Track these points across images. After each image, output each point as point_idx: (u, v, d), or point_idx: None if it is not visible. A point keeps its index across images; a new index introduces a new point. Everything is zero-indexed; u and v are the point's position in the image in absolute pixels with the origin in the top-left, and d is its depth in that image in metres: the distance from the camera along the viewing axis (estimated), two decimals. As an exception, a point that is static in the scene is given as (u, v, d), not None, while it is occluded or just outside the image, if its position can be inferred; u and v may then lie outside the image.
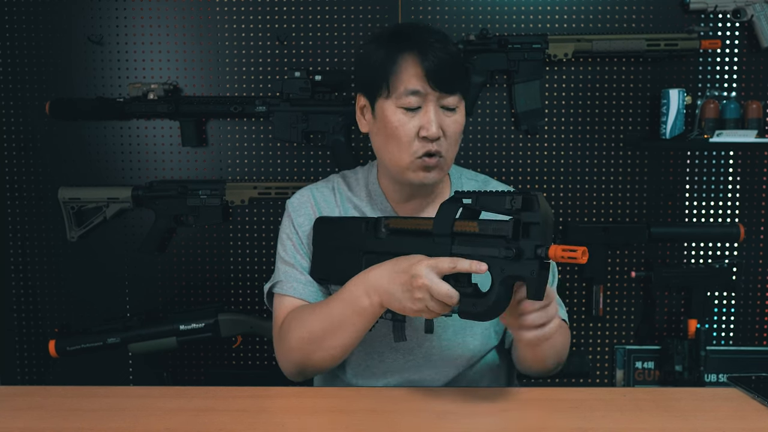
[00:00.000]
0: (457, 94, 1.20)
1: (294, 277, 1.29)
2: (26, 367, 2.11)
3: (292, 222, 1.32)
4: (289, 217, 1.33)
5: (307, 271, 1.29)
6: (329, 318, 1.15)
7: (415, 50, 1.18)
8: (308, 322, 1.19)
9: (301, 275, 1.29)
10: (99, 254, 2.07)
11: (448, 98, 1.19)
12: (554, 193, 2.04)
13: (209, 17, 2.02)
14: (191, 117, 1.99)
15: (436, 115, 1.18)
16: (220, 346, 2.08)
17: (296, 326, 1.20)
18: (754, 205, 2.04)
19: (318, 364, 1.21)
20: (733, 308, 2.07)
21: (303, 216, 1.32)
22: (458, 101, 1.21)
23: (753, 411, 1.10)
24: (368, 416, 1.08)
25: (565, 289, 2.06)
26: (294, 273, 1.29)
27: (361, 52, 1.27)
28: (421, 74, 1.17)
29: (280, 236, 1.35)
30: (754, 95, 1.99)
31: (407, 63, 1.18)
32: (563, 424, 1.04)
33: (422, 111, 1.18)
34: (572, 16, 1.99)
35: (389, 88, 1.19)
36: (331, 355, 1.18)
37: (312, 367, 1.22)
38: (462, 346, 1.28)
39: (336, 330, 1.15)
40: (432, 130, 1.17)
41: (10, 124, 2.05)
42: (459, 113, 1.22)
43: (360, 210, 1.32)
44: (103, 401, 1.14)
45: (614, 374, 2.07)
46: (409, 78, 1.17)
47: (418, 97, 1.18)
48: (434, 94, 1.18)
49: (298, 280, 1.28)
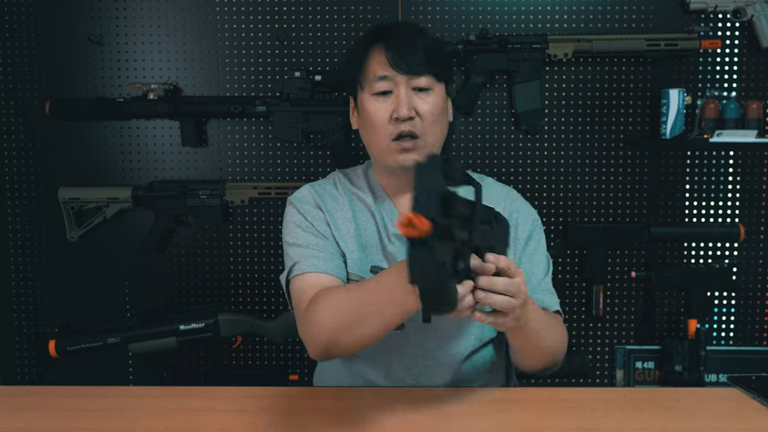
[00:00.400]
0: (428, 76, 1.23)
1: (311, 255, 1.25)
2: (26, 367, 2.11)
3: (297, 210, 1.31)
4: (294, 206, 1.32)
5: (327, 251, 1.26)
6: (363, 303, 1.09)
7: (382, 40, 1.24)
8: (340, 304, 1.12)
9: (319, 252, 1.25)
10: (99, 254, 2.07)
11: (418, 79, 1.23)
12: (554, 193, 2.04)
13: (209, 17, 2.02)
14: (191, 117, 1.99)
15: (408, 97, 1.22)
16: (220, 346, 2.08)
17: (326, 307, 1.13)
18: (754, 205, 2.04)
19: (345, 349, 1.15)
20: (733, 308, 2.07)
21: (307, 203, 1.32)
22: (431, 83, 1.24)
23: (753, 411, 1.10)
24: (368, 416, 1.08)
25: (565, 289, 2.06)
26: (310, 252, 1.25)
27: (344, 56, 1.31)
28: (386, 60, 1.22)
29: (285, 228, 1.32)
30: (754, 95, 1.99)
31: (375, 53, 1.24)
32: (563, 424, 1.04)
33: (393, 95, 1.23)
34: (572, 16, 1.99)
35: (362, 81, 1.26)
36: (360, 342, 1.13)
37: (338, 350, 1.16)
38: (459, 336, 1.29)
39: (368, 316, 1.08)
40: (402, 112, 1.20)
41: (10, 124, 2.05)
42: (434, 95, 1.25)
43: (363, 200, 1.34)
44: (103, 401, 1.14)
45: (614, 374, 2.07)
46: (376, 65, 1.23)
47: (386, 81, 1.23)
48: (402, 77, 1.22)
49: (317, 257, 1.24)
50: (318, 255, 1.25)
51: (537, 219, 1.37)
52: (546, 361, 1.24)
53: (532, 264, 1.31)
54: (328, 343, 1.13)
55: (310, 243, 1.27)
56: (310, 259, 1.25)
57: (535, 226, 1.36)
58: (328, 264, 1.24)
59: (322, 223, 1.30)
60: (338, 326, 1.11)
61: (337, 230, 1.31)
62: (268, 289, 2.06)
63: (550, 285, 1.33)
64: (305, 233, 1.28)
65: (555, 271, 1.80)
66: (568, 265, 2.06)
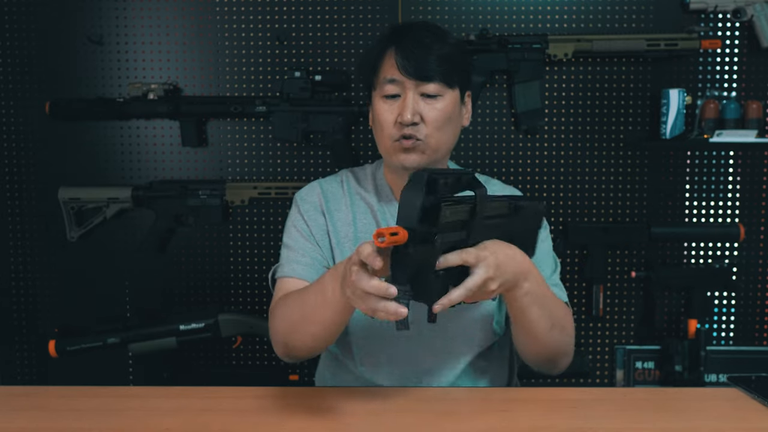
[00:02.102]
0: (437, 82, 1.23)
1: (294, 259, 1.30)
2: (26, 367, 2.12)
3: (298, 209, 1.35)
4: (297, 205, 1.36)
5: (310, 256, 1.30)
6: (304, 305, 1.15)
7: (395, 43, 1.24)
8: (289, 307, 1.19)
9: (302, 257, 1.29)
10: (99, 254, 2.07)
11: (427, 86, 1.22)
12: (554, 193, 2.04)
13: (209, 17, 2.02)
14: (191, 117, 1.99)
15: (414, 102, 1.22)
16: (220, 346, 2.08)
17: (280, 311, 1.21)
18: (754, 205, 2.04)
19: (299, 349, 1.21)
20: (733, 308, 2.07)
21: (309, 204, 1.34)
22: (441, 89, 1.23)
23: (753, 411, 1.10)
24: (368, 416, 1.08)
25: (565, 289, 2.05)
26: (295, 256, 1.30)
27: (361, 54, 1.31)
28: (396, 63, 1.22)
29: (286, 225, 1.37)
30: (754, 95, 1.99)
31: (388, 55, 1.24)
32: (563, 424, 1.04)
33: (401, 99, 1.23)
34: (572, 16, 1.99)
35: (374, 82, 1.27)
36: (306, 343, 1.18)
37: (294, 350, 1.22)
38: (464, 338, 1.29)
39: (309, 317, 1.14)
40: (406, 117, 1.21)
41: (10, 124, 2.05)
42: (444, 101, 1.24)
43: (367, 201, 1.35)
44: (103, 401, 1.14)
45: (614, 374, 2.07)
46: (388, 68, 1.24)
47: (395, 85, 1.23)
48: (411, 82, 1.22)
49: (298, 262, 1.29)
50: (300, 260, 1.29)
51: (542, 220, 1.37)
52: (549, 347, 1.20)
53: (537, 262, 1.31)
54: (284, 343, 1.21)
55: (297, 245, 1.31)
56: (291, 263, 1.29)
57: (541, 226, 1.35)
58: (306, 270, 1.28)
59: (317, 227, 1.32)
60: (287, 329, 1.19)
61: (335, 234, 1.32)
62: (269, 289, 2.04)
63: (557, 281, 1.33)
64: (297, 234, 1.32)
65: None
66: (568, 265, 2.06)
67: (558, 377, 2.04)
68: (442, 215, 0.91)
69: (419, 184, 0.89)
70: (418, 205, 0.88)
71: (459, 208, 0.96)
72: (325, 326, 1.14)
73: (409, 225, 0.88)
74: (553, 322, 1.18)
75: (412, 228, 0.88)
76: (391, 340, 1.29)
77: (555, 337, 1.19)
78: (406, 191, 0.90)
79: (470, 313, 1.28)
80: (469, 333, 1.29)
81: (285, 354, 1.24)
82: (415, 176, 0.90)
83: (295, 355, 1.24)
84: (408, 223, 0.88)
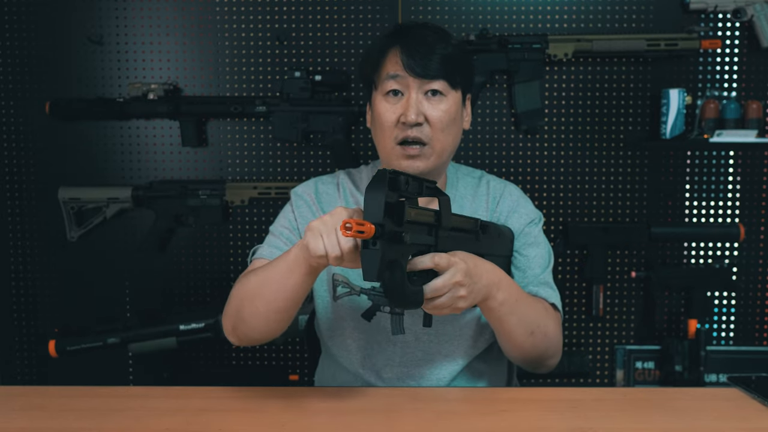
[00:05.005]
0: (441, 81, 1.21)
1: (274, 244, 1.29)
2: (26, 367, 2.12)
3: (291, 203, 1.35)
4: (290, 200, 1.36)
5: (289, 244, 1.28)
6: (265, 271, 1.14)
7: (399, 41, 1.22)
8: (250, 278, 1.18)
9: (284, 245, 1.28)
10: (99, 254, 2.07)
11: (431, 84, 1.21)
12: (554, 193, 2.04)
13: (209, 17, 2.02)
14: (191, 117, 1.99)
15: (418, 101, 1.21)
16: (220, 346, 2.08)
17: (241, 281, 1.20)
18: (754, 205, 2.04)
19: (248, 322, 1.17)
20: (733, 308, 2.07)
21: (302, 200, 1.34)
22: (445, 87, 1.22)
23: (753, 411, 1.10)
24: (368, 416, 1.08)
25: (565, 289, 2.06)
26: (276, 242, 1.30)
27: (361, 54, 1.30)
28: (400, 60, 1.21)
29: (277, 216, 1.37)
30: (754, 95, 1.99)
31: (392, 53, 1.23)
32: (563, 424, 1.04)
33: (404, 98, 1.22)
34: (572, 16, 1.99)
35: (376, 79, 1.25)
36: (257, 312, 1.14)
37: (243, 324, 1.18)
38: (460, 340, 1.29)
39: (266, 282, 1.13)
40: (410, 116, 1.19)
41: (10, 124, 2.05)
42: (447, 102, 1.23)
43: (361, 203, 1.33)
44: (103, 401, 1.14)
45: (614, 374, 2.07)
46: (391, 65, 1.22)
47: (397, 81, 1.21)
48: (415, 81, 1.20)
49: (278, 247, 1.28)
50: (281, 246, 1.28)
51: (534, 215, 1.35)
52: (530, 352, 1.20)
53: (527, 259, 1.30)
54: (233, 315, 1.19)
55: (282, 235, 1.31)
56: (271, 247, 1.29)
57: (530, 221, 1.34)
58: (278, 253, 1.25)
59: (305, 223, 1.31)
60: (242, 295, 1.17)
61: None
62: (268, 289, 2.06)
63: (548, 279, 1.31)
64: (284, 223, 1.32)
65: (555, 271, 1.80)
66: (568, 265, 2.06)
67: (558, 377, 2.06)
68: (407, 213, 0.94)
69: (382, 181, 0.92)
70: (382, 201, 0.91)
71: (424, 211, 1.00)
72: (279, 293, 1.11)
73: (376, 220, 0.90)
74: (532, 328, 1.18)
75: (380, 223, 0.90)
76: (388, 344, 1.28)
77: (536, 343, 1.20)
78: (369, 189, 0.92)
79: (466, 317, 1.27)
80: (465, 336, 1.29)
81: (233, 328, 1.20)
82: (378, 174, 0.93)
83: (243, 332, 1.19)
84: (374, 219, 0.90)
